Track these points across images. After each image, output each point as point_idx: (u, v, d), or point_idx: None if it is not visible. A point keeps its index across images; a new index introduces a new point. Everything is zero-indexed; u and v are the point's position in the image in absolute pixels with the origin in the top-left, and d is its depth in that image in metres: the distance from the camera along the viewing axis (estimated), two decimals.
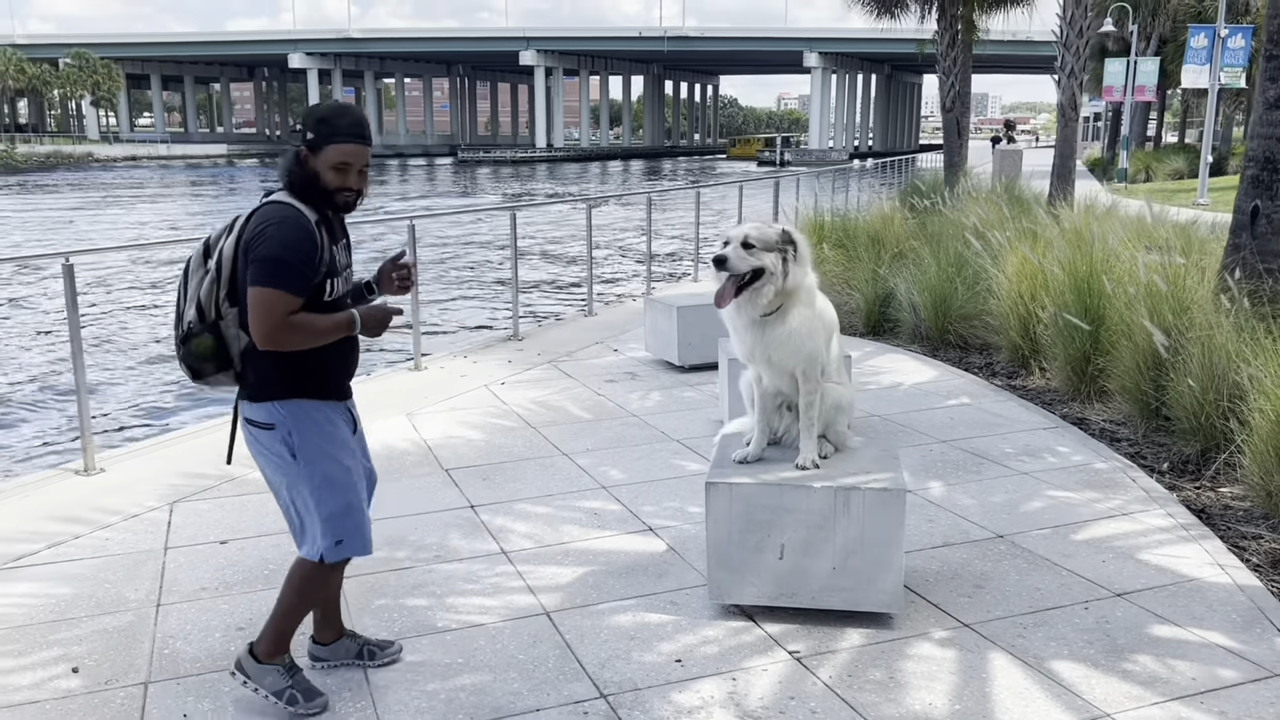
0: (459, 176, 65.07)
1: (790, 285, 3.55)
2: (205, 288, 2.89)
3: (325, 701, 3.14)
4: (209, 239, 2.97)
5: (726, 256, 3.49)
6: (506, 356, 8.10)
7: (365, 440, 3.33)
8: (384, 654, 3.40)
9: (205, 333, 2.90)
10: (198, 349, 2.91)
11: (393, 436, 5.94)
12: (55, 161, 74.97)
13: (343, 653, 3.38)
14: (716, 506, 3.65)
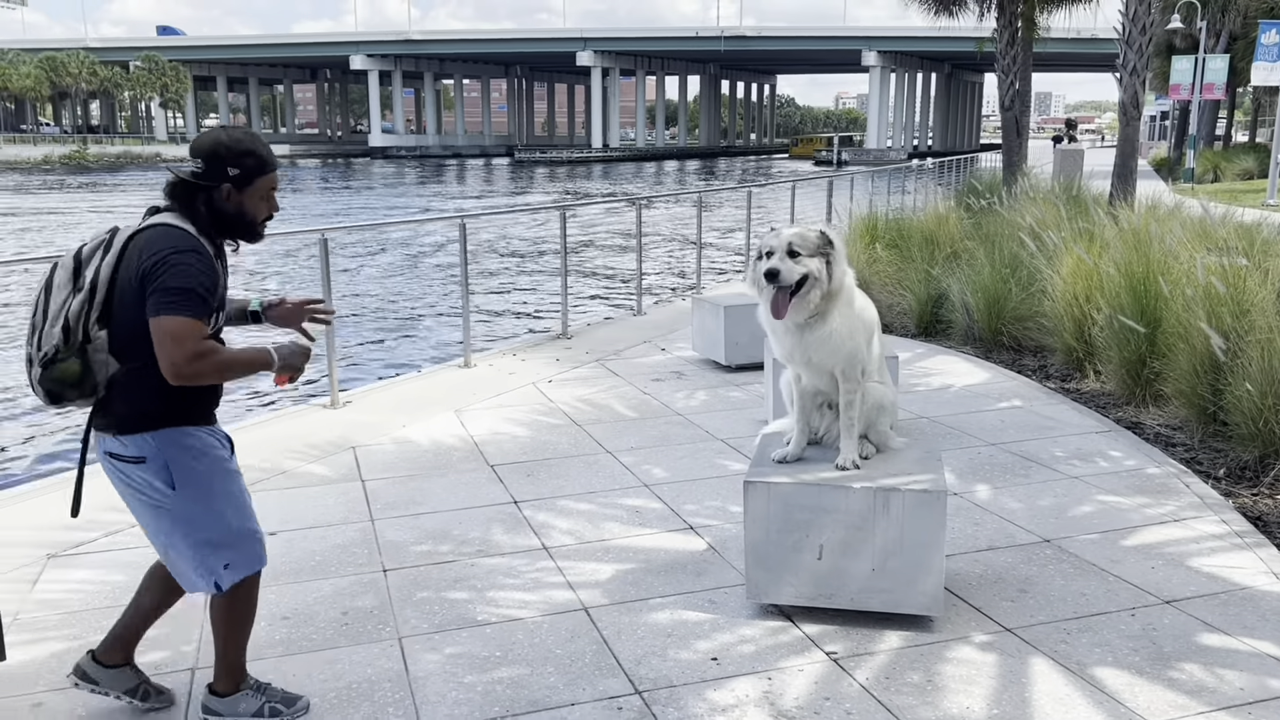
0: (515, 177, 65.55)
1: (834, 287, 3.53)
2: (75, 308, 2.68)
3: (307, 703, 3.11)
4: (79, 253, 2.76)
5: (778, 270, 3.45)
6: (554, 355, 8.15)
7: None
8: (158, 698, 3.13)
9: (71, 357, 2.69)
10: (62, 373, 2.68)
11: (441, 432, 6.01)
12: (125, 162, 76.99)
13: (119, 682, 3.09)
14: (755, 506, 3.64)
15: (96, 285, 2.68)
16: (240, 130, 2.88)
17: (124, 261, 2.69)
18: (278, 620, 3.72)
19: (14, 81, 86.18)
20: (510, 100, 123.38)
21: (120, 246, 2.71)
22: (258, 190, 2.84)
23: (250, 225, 2.87)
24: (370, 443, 5.82)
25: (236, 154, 2.79)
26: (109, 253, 2.71)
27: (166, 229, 2.72)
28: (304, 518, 4.70)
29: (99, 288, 2.68)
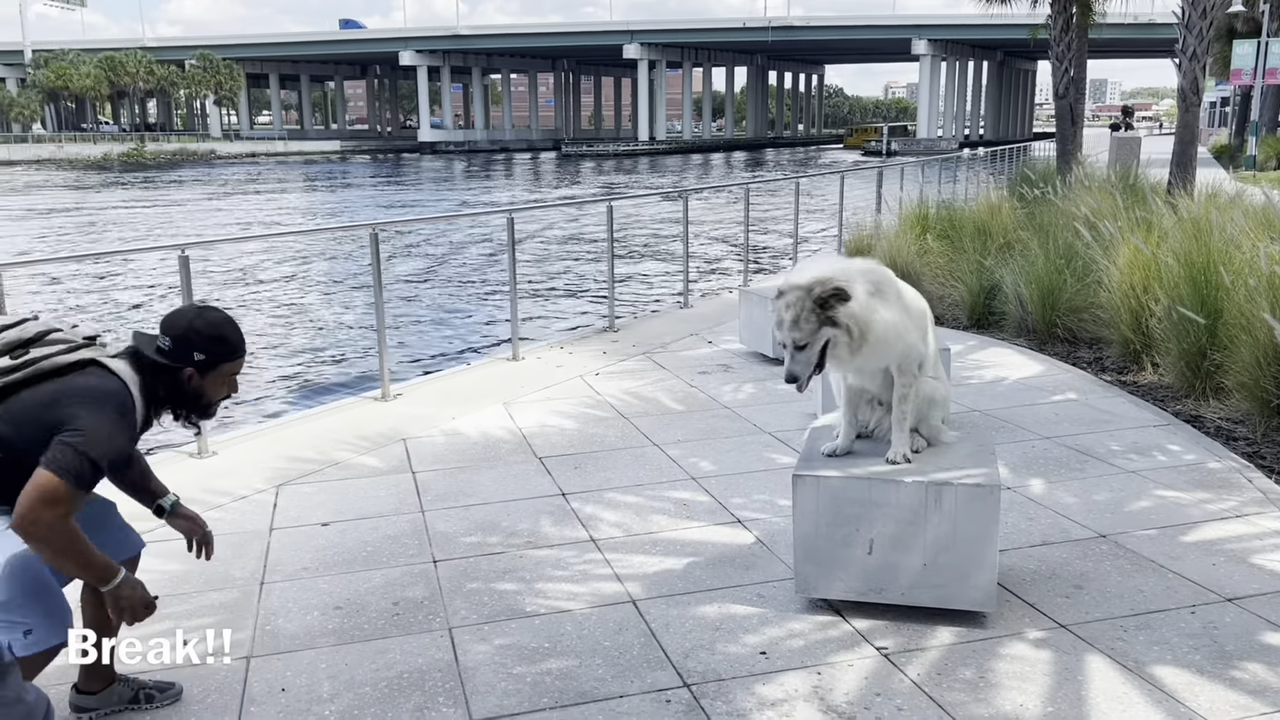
0: (562, 171, 65.75)
1: (857, 334, 3.33)
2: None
3: (180, 690, 3.17)
4: (44, 333, 2.69)
5: (796, 375, 3.34)
6: (601, 348, 8.16)
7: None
8: (164, 695, 3.15)
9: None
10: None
11: (490, 425, 6.05)
12: (181, 159, 78.43)
13: (115, 699, 3.10)
14: (803, 499, 3.62)
15: (29, 366, 2.61)
16: (216, 313, 2.86)
17: (69, 376, 2.62)
18: (330, 610, 3.77)
19: (75, 81, 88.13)
20: (557, 94, 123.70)
21: (79, 360, 2.65)
22: (221, 375, 2.84)
23: (206, 406, 2.88)
24: (420, 435, 5.87)
25: (207, 339, 2.78)
26: (68, 355, 2.65)
27: (111, 378, 2.66)
28: (356, 509, 4.75)
29: (28, 370, 2.60)
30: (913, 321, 3.60)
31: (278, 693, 3.23)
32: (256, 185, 52.08)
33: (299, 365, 12.40)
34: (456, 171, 65.05)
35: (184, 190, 48.40)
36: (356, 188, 50.22)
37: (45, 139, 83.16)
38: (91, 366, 2.67)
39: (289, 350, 13.27)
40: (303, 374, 11.94)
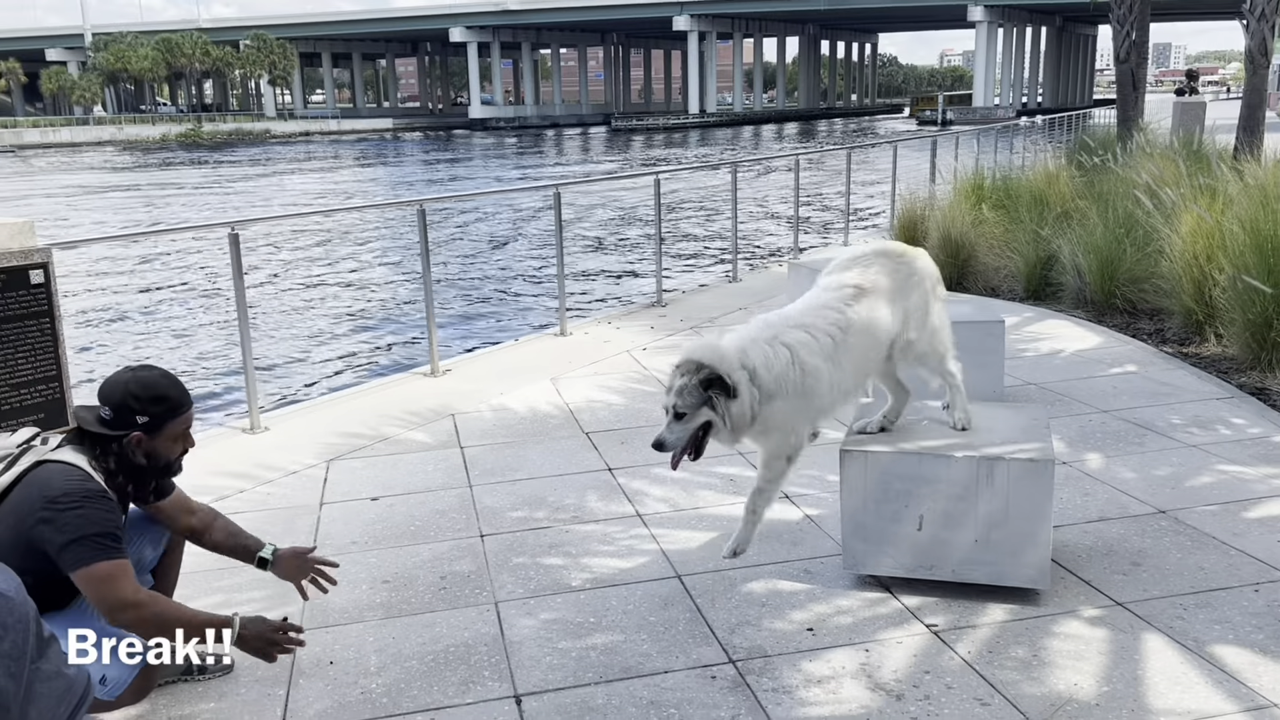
0: (612, 145, 65.59)
1: (731, 427, 3.23)
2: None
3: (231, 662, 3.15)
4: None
5: (663, 441, 3.26)
6: (649, 323, 8.13)
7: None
8: (215, 667, 3.18)
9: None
10: None
11: (538, 400, 6.05)
12: (237, 139, 79.57)
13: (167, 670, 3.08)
14: (851, 475, 3.56)
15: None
16: (153, 373, 2.82)
17: (19, 489, 2.61)
18: (378, 584, 3.80)
19: (133, 64, 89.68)
20: (607, 68, 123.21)
21: (22, 472, 2.64)
22: (169, 434, 2.81)
23: (165, 468, 2.86)
24: (469, 410, 5.90)
25: (146, 401, 2.74)
26: (9, 472, 2.64)
27: (66, 469, 2.64)
28: (405, 483, 4.78)
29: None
30: (811, 405, 3.38)
31: (326, 665, 3.26)
32: (311, 163, 52.67)
33: (351, 342, 12.55)
34: (507, 148, 65.20)
35: (240, 169, 49.10)
36: (408, 164, 50.58)
37: (106, 121, 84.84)
38: (37, 469, 2.64)
39: (341, 327, 13.44)
40: (354, 350, 12.08)
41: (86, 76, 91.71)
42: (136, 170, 50.38)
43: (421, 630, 3.45)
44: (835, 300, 3.44)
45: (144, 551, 3.12)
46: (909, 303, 3.56)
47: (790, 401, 3.29)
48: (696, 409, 3.23)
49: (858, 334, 3.40)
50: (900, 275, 3.56)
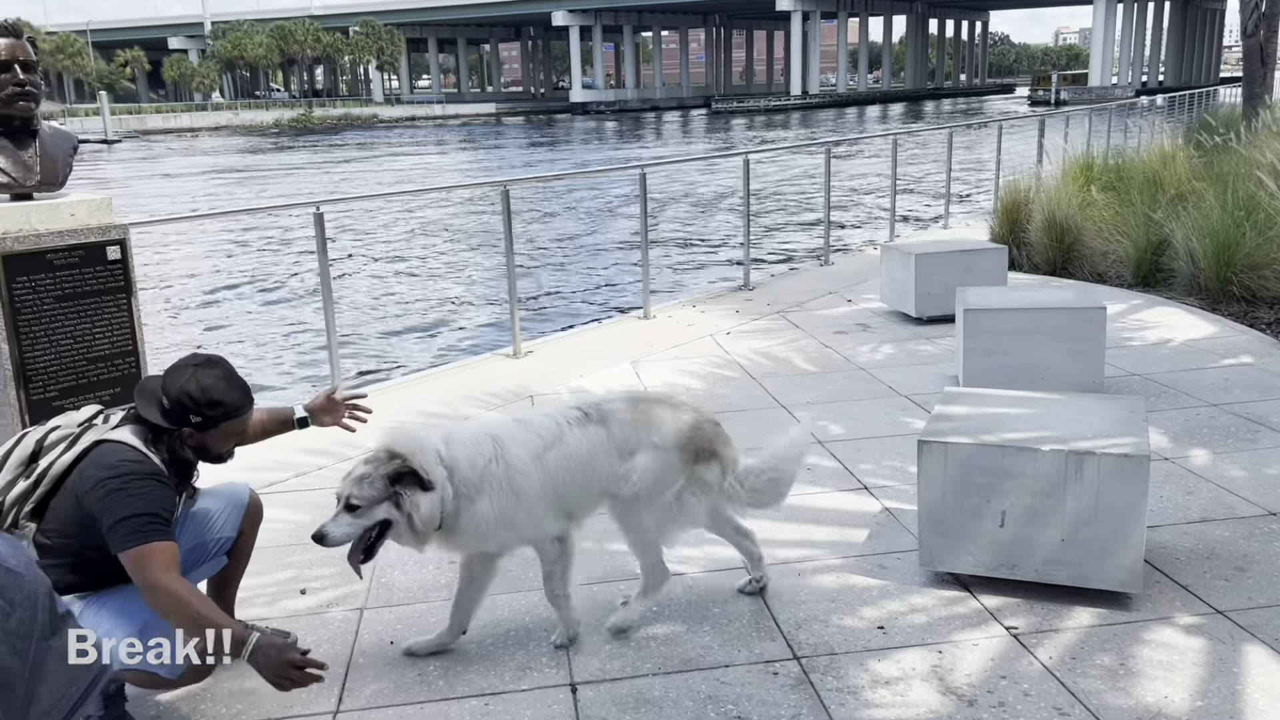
0: (712, 127, 65.20)
1: (424, 526, 2.87)
2: (16, 493, 2.66)
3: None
4: (44, 439, 2.74)
5: (325, 535, 2.86)
6: (734, 306, 7.99)
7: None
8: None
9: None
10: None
11: (615, 383, 5.98)
12: (344, 123, 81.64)
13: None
14: (930, 467, 3.40)
15: (44, 479, 2.65)
16: (213, 375, 2.78)
17: (78, 468, 2.65)
18: (445, 565, 3.78)
19: (249, 51, 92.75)
20: (708, 50, 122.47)
21: (82, 451, 2.68)
22: (222, 432, 2.81)
23: (214, 459, 2.88)
24: (547, 392, 5.87)
25: (202, 404, 2.74)
26: (69, 451, 2.68)
27: (121, 449, 2.67)
28: None
29: (44, 482, 2.65)
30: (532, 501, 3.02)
31: (386, 645, 3.26)
32: (412, 147, 53.69)
33: (438, 322, 12.70)
34: (606, 131, 65.41)
35: (345, 152, 50.34)
36: (508, 148, 51.13)
37: (223, 106, 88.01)
38: (95, 449, 2.68)
39: (428, 307, 13.61)
40: (441, 330, 12.22)
41: (205, 64, 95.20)
42: (249, 154, 52.10)
43: (483, 613, 3.41)
44: (558, 413, 3.15)
45: (221, 533, 3.14)
46: (641, 459, 3.13)
47: (499, 498, 2.94)
48: (375, 504, 2.86)
49: (569, 456, 3.06)
50: (639, 431, 3.15)
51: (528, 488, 2.98)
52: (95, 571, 2.68)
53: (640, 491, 3.11)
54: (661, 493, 3.14)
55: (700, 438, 3.19)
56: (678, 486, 3.16)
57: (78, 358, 3.32)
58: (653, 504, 3.14)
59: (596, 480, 3.12)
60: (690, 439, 3.17)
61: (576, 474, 3.07)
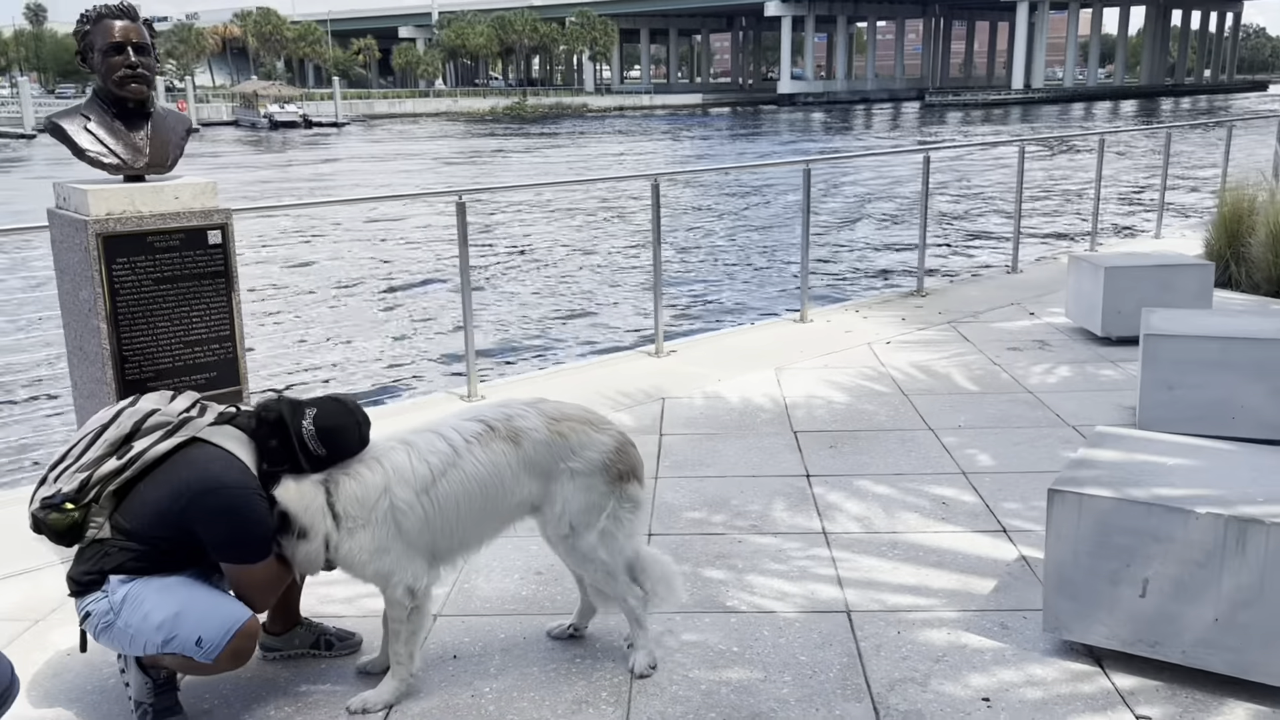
0: (923, 121, 62.99)
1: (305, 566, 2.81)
2: (105, 470, 2.64)
3: (359, 640, 3.14)
4: (140, 422, 2.71)
5: None
6: (901, 313, 7.49)
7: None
8: (342, 645, 3.14)
9: (72, 512, 2.62)
10: (54, 522, 2.62)
11: (754, 390, 5.68)
12: (556, 112, 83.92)
13: (296, 642, 3.12)
14: (1061, 520, 2.95)
15: (135, 463, 2.63)
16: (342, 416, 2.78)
17: (174, 461, 2.64)
18: (530, 575, 3.63)
19: (470, 40, 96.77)
20: (925, 41, 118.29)
21: (179, 443, 2.66)
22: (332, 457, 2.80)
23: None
24: (681, 395, 5.64)
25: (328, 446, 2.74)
26: (167, 440, 2.66)
27: (228, 459, 2.66)
28: None
29: (135, 466, 2.63)
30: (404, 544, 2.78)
31: (449, 659, 3.12)
32: (612, 137, 54.48)
33: (585, 314, 12.65)
34: (811, 123, 64.32)
35: (549, 140, 51.64)
36: (714, 140, 51.06)
37: (444, 94, 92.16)
38: (196, 448, 2.66)
39: (575, 300, 13.59)
40: (586, 323, 12.17)
41: (430, 52, 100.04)
42: (464, 138, 54.30)
43: (559, 619, 3.23)
44: (457, 428, 2.88)
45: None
46: (553, 489, 2.91)
47: (376, 536, 2.75)
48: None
49: (465, 481, 2.81)
50: (555, 451, 2.89)
51: (407, 525, 2.77)
52: (159, 558, 2.66)
53: (574, 525, 2.90)
54: (595, 519, 2.91)
55: (623, 460, 2.96)
56: (609, 509, 2.93)
57: (174, 341, 3.34)
58: (591, 531, 2.91)
59: (501, 506, 2.88)
60: (613, 461, 2.93)
61: (473, 501, 2.83)
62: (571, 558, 2.99)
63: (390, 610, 2.84)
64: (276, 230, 18.87)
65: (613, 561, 2.95)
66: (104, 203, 3.19)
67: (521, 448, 2.86)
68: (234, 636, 2.60)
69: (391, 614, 2.84)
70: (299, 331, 11.71)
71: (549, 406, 2.99)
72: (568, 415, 2.97)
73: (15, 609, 3.37)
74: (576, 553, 2.95)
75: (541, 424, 2.90)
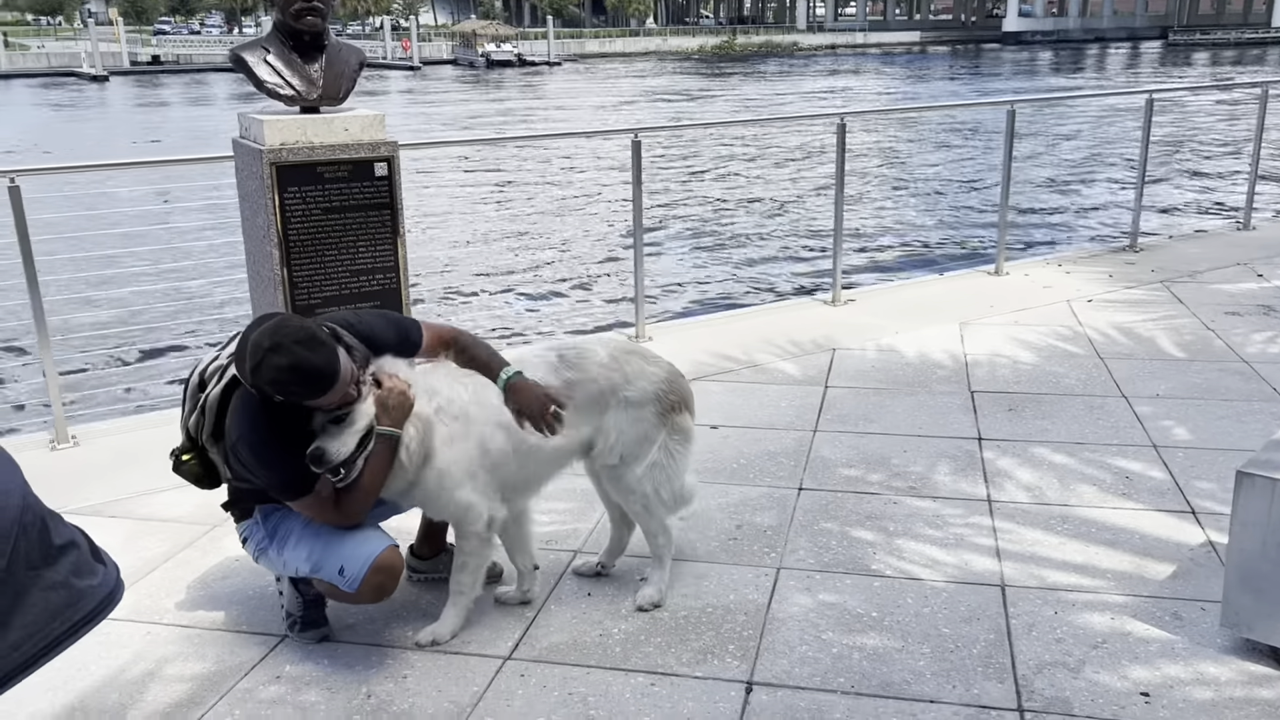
0: (1164, 62, 58.06)
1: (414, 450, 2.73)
2: (193, 422, 2.75)
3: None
4: (204, 371, 2.75)
5: (323, 454, 2.58)
6: (1108, 269, 6.92)
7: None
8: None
9: (194, 459, 2.78)
10: (187, 472, 2.79)
11: (932, 345, 5.41)
12: (765, 51, 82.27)
13: (440, 567, 3.16)
14: (1248, 507, 2.64)
15: (206, 410, 2.70)
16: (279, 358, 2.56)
17: (226, 405, 2.67)
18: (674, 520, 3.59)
19: None
20: None
21: (226, 384, 2.66)
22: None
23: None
24: (853, 347, 5.43)
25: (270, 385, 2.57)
26: (219, 384, 2.68)
27: (248, 402, 2.61)
28: (750, 416, 4.51)
29: (208, 412, 2.70)
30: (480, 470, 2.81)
31: (583, 596, 3.14)
32: (815, 77, 52.97)
33: (765, 258, 12.34)
34: (1037, 63, 60.42)
35: (753, 81, 50.78)
36: (930, 79, 48.86)
37: (654, 32, 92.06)
38: (236, 391, 2.65)
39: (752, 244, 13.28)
40: (761, 269, 11.87)
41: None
42: (670, 75, 54.20)
43: (692, 581, 3.19)
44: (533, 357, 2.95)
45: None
46: (607, 421, 2.92)
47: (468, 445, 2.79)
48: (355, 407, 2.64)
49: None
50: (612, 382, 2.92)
51: (493, 450, 2.81)
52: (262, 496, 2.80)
53: (624, 455, 2.93)
54: (646, 451, 2.94)
55: (675, 391, 2.99)
56: (660, 440, 2.95)
57: (340, 269, 3.46)
58: (640, 463, 2.94)
59: (565, 442, 2.88)
60: (665, 392, 2.96)
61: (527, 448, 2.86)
62: (615, 488, 3.01)
63: (463, 543, 2.88)
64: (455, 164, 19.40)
65: (655, 495, 2.98)
66: (278, 133, 3.32)
67: (589, 377, 2.90)
68: (371, 567, 2.69)
69: (464, 546, 2.87)
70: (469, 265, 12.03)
71: (611, 342, 3.06)
72: (627, 349, 3.05)
73: (195, 513, 3.63)
74: (621, 483, 2.98)
75: (605, 356, 2.94)
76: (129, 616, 3.04)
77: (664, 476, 2.98)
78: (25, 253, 4.18)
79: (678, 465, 3.02)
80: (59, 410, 4.34)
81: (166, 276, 8.12)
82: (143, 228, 10.55)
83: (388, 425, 2.65)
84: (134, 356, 8.07)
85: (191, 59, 65.77)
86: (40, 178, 5.03)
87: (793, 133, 22.90)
